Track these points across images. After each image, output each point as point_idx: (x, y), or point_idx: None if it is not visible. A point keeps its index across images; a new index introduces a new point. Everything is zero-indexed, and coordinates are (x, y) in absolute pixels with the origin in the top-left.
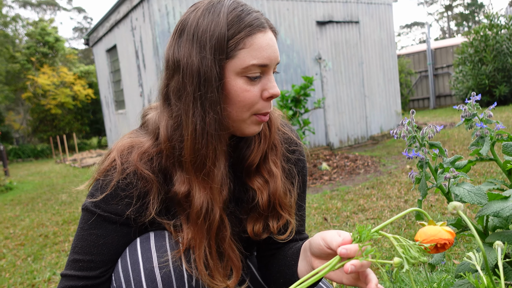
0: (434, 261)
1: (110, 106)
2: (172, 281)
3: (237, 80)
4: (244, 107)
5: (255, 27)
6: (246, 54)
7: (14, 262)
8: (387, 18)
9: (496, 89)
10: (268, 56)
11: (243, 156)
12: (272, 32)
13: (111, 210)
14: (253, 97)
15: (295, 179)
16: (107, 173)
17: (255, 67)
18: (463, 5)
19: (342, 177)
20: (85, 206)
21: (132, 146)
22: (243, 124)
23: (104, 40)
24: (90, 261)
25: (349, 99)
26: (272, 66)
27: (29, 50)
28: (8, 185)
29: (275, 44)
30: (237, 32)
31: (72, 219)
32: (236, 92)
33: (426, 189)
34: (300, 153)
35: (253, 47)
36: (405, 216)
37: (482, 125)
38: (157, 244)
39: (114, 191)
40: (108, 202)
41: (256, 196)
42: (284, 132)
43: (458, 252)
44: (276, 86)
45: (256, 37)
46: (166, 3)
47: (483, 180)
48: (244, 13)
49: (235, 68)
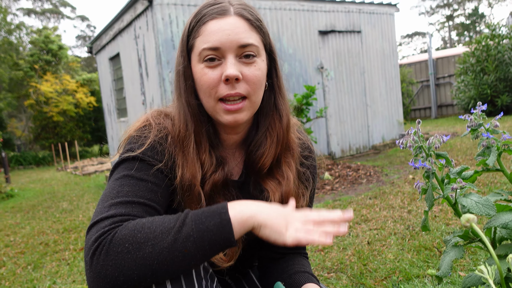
0: (441, 273)
1: (112, 114)
2: None
3: (198, 66)
4: (206, 92)
5: (208, 16)
6: (200, 41)
7: (14, 271)
8: (389, 27)
9: (498, 98)
10: (217, 39)
11: (254, 158)
12: (237, 17)
13: (153, 156)
14: (209, 80)
15: (309, 183)
16: (142, 130)
17: (206, 51)
18: (464, 15)
19: (344, 186)
20: (127, 156)
21: (166, 114)
22: (214, 113)
23: (107, 48)
24: (143, 204)
25: (351, 108)
26: (228, 49)
27: (32, 58)
28: (9, 192)
29: (235, 28)
30: (195, 24)
31: (72, 227)
32: (198, 78)
33: (432, 200)
34: (313, 159)
35: (205, 33)
36: (408, 226)
37: (488, 135)
38: None
39: (152, 146)
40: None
41: (269, 197)
42: (300, 138)
43: (464, 264)
44: (233, 68)
45: (208, 24)
46: (169, 12)
47: (487, 190)
48: (207, 6)
49: (195, 56)
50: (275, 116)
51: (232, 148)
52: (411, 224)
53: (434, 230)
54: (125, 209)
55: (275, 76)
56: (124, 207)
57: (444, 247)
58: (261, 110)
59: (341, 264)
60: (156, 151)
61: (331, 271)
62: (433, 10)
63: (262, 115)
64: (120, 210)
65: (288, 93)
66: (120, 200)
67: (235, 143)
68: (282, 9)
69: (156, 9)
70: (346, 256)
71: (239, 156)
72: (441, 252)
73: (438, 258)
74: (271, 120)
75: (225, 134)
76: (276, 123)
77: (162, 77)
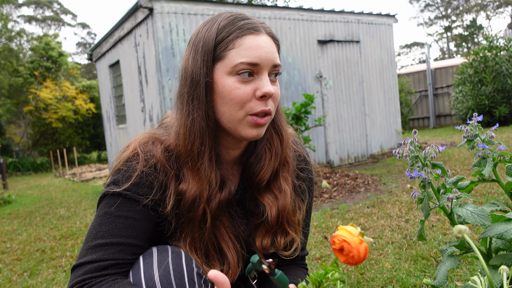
0: (437, 283)
1: (111, 120)
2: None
3: (228, 79)
4: (236, 105)
5: (245, 30)
6: (235, 54)
7: (10, 278)
8: (388, 38)
9: (496, 109)
10: (258, 55)
11: (254, 172)
12: (268, 37)
13: (137, 191)
14: (243, 94)
15: (305, 195)
16: (130, 162)
17: (244, 65)
18: (463, 26)
19: (342, 195)
20: (110, 191)
21: (154, 141)
22: (238, 125)
23: (108, 56)
24: (119, 243)
25: (350, 117)
26: (264, 66)
27: (32, 64)
28: (6, 199)
29: (270, 47)
30: (227, 35)
31: (69, 234)
32: (227, 91)
33: (428, 210)
34: (309, 171)
35: (242, 46)
36: (406, 236)
37: (484, 146)
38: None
39: (139, 178)
40: (134, 186)
41: (265, 211)
42: (295, 149)
43: (461, 274)
44: (270, 86)
45: (246, 38)
46: (169, 20)
47: (484, 200)
48: (238, 19)
49: (226, 67)
50: (273, 131)
51: (230, 164)
52: (409, 233)
53: (431, 240)
54: (100, 253)
55: None
56: (99, 250)
57: (440, 257)
58: None
59: None
60: (142, 185)
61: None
62: (432, 21)
63: None
64: (96, 255)
65: (287, 102)
66: (97, 242)
67: (234, 159)
68: (282, 19)
69: (157, 17)
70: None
71: (236, 172)
72: (438, 262)
73: (435, 267)
74: (269, 135)
75: (226, 150)
76: (274, 138)
77: (161, 85)
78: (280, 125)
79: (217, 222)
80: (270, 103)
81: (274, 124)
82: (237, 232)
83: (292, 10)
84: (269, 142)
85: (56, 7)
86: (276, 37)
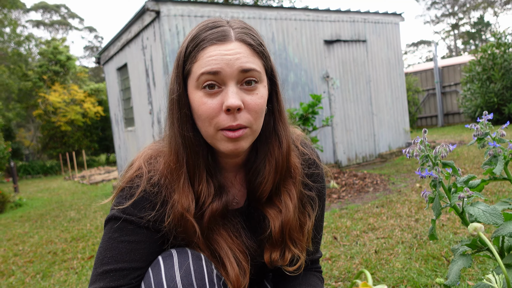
0: (449, 282)
1: (120, 123)
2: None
3: (196, 94)
4: (204, 121)
5: (208, 41)
6: (197, 66)
7: (23, 280)
8: (394, 36)
9: (505, 107)
10: (217, 63)
11: (254, 186)
12: (239, 43)
13: (139, 214)
14: (209, 110)
15: (315, 204)
16: (133, 181)
17: (204, 76)
18: (470, 24)
19: (351, 195)
20: (113, 215)
21: (157, 156)
22: (214, 141)
23: (115, 59)
24: (122, 269)
25: (357, 117)
26: (228, 74)
27: (41, 69)
28: (17, 202)
29: (236, 53)
30: (193, 48)
31: (80, 236)
32: (196, 106)
33: (440, 209)
34: (319, 176)
35: (203, 58)
36: (416, 235)
37: (495, 144)
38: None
39: (141, 197)
40: (136, 207)
41: (269, 224)
42: (304, 153)
43: (472, 274)
44: (234, 98)
45: (207, 50)
46: (176, 23)
47: (495, 199)
48: (206, 29)
49: (193, 81)
50: (274, 142)
51: (233, 171)
52: (419, 233)
53: (442, 239)
54: (106, 281)
55: (276, 100)
56: (106, 277)
57: (452, 256)
58: (260, 135)
59: (349, 273)
60: (143, 205)
61: (338, 280)
62: (438, 19)
63: (261, 141)
64: (103, 282)
65: (294, 102)
66: (103, 269)
67: (237, 165)
68: (288, 19)
69: (164, 20)
70: (354, 265)
71: (243, 179)
72: (449, 261)
73: (446, 267)
74: (270, 146)
75: (225, 158)
76: (275, 149)
77: None
78: (281, 134)
79: (213, 235)
80: (244, 115)
81: (275, 134)
82: (241, 240)
83: (298, 10)
84: (270, 154)
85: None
86: (250, 42)
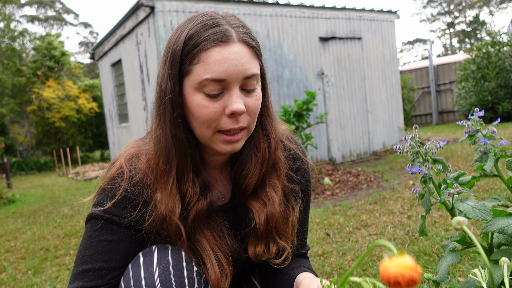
0: (438, 278)
1: (114, 119)
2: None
3: (196, 95)
4: (203, 124)
5: (211, 41)
6: (200, 69)
7: (15, 276)
8: (390, 34)
9: (499, 105)
10: (223, 70)
11: (239, 178)
12: (241, 44)
13: (120, 214)
14: (211, 113)
15: (299, 197)
16: (114, 181)
17: (209, 82)
18: (465, 22)
19: (344, 192)
20: (93, 214)
21: (139, 154)
22: (210, 142)
23: (110, 55)
24: (101, 268)
25: (352, 114)
26: (233, 81)
27: (35, 64)
28: (10, 198)
29: (241, 57)
30: (193, 47)
31: (73, 232)
32: (195, 108)
33: (429, 205)
34: (304, 171)
35: (207, 61)
36: (408, 232)
37: (485, 141)
38: (159, 255)
39: (122, 198)
40: (117, 207)
41: (254, 217)
42: (289, 148)
43: (463, 270)
44: (239, 103)
45: (211, 51)
46: (171, 18)
47: (487, 196)
48: (206, 27)
49: (192, 83)
50: (261, 136)
51: (219, 167)
52: (411, 229)
53: (433, 236)
54: (84, 280)
55: (263, 95)
56: (84, 277)
57: (443, 253)
58: None
59: (341, 269)
60: (125, 205)
61: (330, 276)
62: (434, 17)
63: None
64: (82, 282)
65: (288, 99)
66: (82, 268)
67: (221, 164)
68: (283, 16)
69: (158, 16)
70: (346, 261)
71: (227, 177)
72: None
73: (437, 263)
74: (256, 140)
75: (210, 156)
76: (261, 143)
77: None
78: (268, 128)
79: (196, 235)
80: (244, 117)
81: (262, 128)
82: (225, 240)
83: (294, 7)
84: (256, 147)
85: (58, 7)
86: (252, 43)
